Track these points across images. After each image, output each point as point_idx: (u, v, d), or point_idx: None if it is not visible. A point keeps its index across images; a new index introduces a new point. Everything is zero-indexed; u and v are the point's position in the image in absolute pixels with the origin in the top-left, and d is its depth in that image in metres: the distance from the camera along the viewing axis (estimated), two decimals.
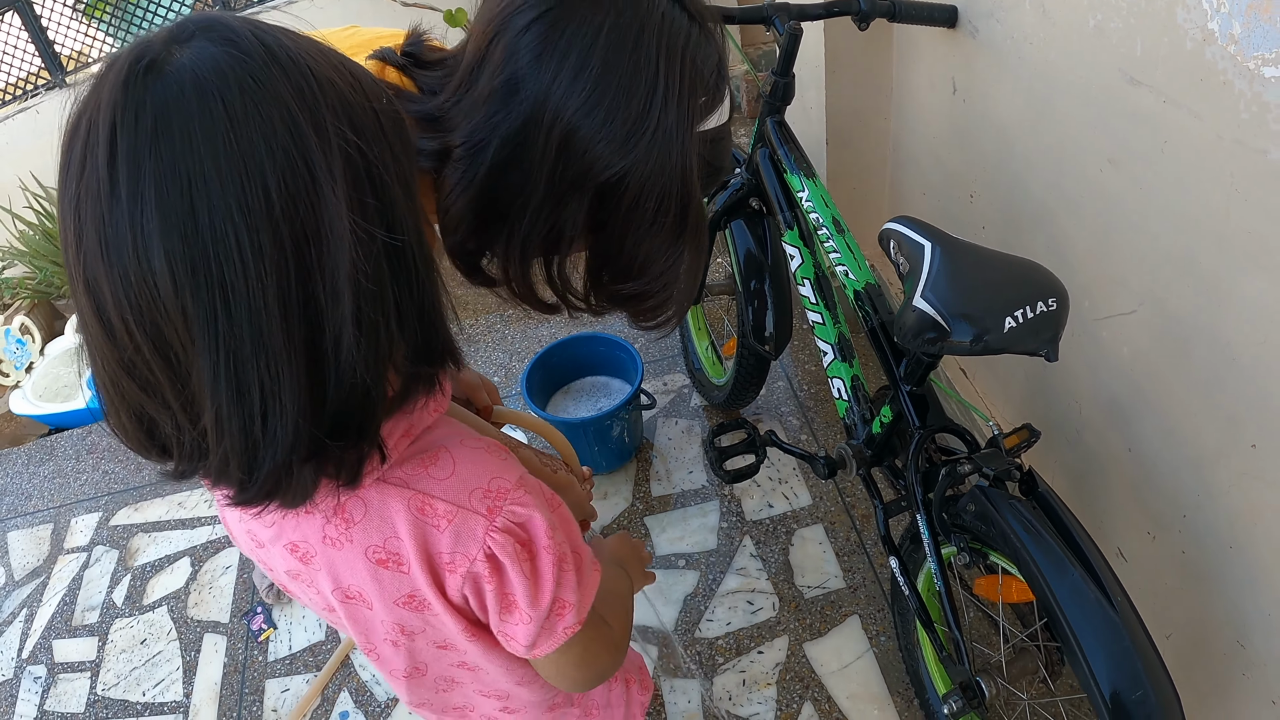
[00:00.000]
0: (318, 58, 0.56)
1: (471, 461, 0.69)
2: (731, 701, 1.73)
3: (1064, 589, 1.07)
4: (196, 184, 0.50)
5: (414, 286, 0.60)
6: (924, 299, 1.10)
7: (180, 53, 0.52)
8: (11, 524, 2.76)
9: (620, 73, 0.78)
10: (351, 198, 0.54)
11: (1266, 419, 1.04)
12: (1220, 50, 0.94)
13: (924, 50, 1.72)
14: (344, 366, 0.55)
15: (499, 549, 0.68)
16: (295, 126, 0.52)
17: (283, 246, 0.52)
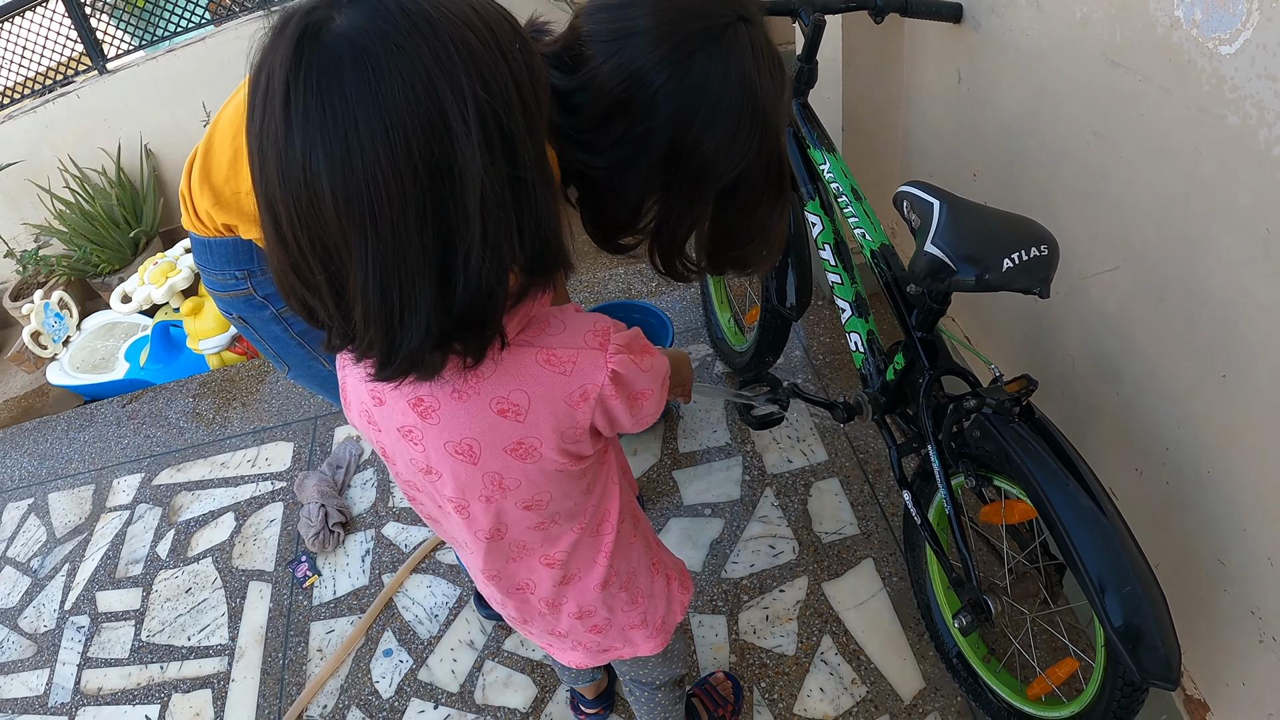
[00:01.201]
0: (455, 19, 0.68)
1: (575, 318, 0.90)
2: (756, 634, 1.94)
3: (1060, 498, 1.28)
4: (351, 132, 0.65)
5: (534, 209, 0.75)
6: (934, 244, 1.32)
7: (339, 19, 0.66)
8: (52, 486, 2.93)
9: (740, 99, 1.02)
10: (481, 141, 0.68)
11: (1233, 351, 1.24)
12: (1185, 34, 1.16)
13: (932, 43, 1.95)
14: (471, 276, 0.71)
15: (619, 365, 0.89)
16: (432, 85, 0.66)
17: (421, 182, 0.67)
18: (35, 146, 3.44)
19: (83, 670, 2.35)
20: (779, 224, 1.21)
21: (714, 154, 1.04)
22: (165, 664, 2.29)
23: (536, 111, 0.75)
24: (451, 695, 2.02)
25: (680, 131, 1.02)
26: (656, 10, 1.01)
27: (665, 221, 1.14)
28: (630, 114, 1.01)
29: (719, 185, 1.09)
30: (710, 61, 1.00)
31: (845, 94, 2.19)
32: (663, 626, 1.30)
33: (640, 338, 0.96)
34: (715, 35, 1.00)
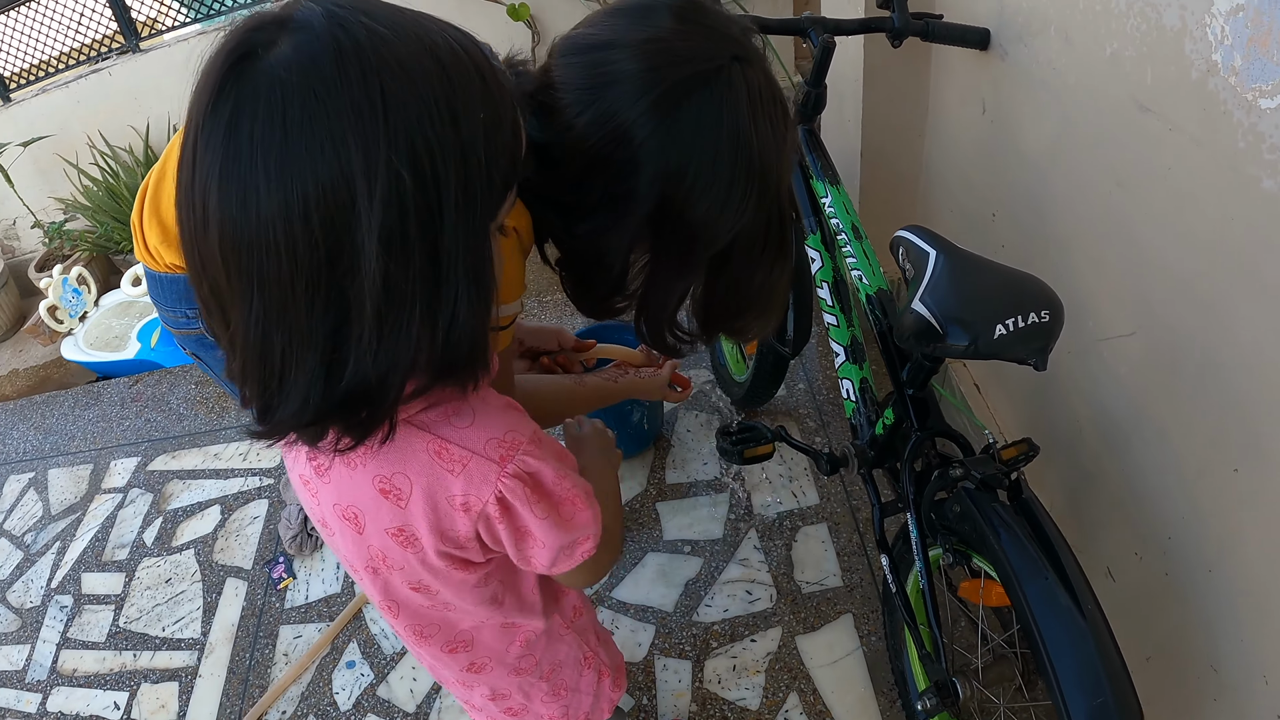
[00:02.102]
0: (400, 67, 0.57)
1: (490, 414, 0.74)
2: (721, 684, 1.76)
3: (1036, 592, 1.10)
4: (249, 181, 0.55)
5: (452, 308, 0.62)
6: (922, 302, 1.14)
7: (277, 46, 0.56)
8: (53, 462, 2.88)
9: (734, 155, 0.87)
10: (386, 228, 0.56)
11: (1248, 443, 1.06)
12: (1222, 81, 0.97)
13: (958, 70, 1.75)
14: (361, 362, 0.60)
15: (509, 493, 0.73)
16: (342, 149, 0.55)
17: (316, 253, 0.56)
18: (66, 121, 3.38)
19: (61, 650, 2.27)
20: (781, 286, 1.03)
21: (706, 215, 0.89)
22: (139, 652, 2.21)
23: (487, 193, 0.62)
24: (407, 715, 1.90)
25: (668, 192, 0.87)
26: (640, 54, 0.86)
27: (652, 291, 0.97)
28: (611, 173, 0.87)
29: (713, 249, 0.93)
30: (701, 112, 0.85)
31: (865, 117, 2.00)
32: None
33: (561, 470, 0.77)
34: (706, 80, 0.85)
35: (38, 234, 3.71)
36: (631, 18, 0.88)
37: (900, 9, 1.50)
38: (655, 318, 1.00)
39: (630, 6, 0.90)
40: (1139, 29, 1.10)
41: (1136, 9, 1.10)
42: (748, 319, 1.04)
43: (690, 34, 0.86)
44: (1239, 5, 0.92)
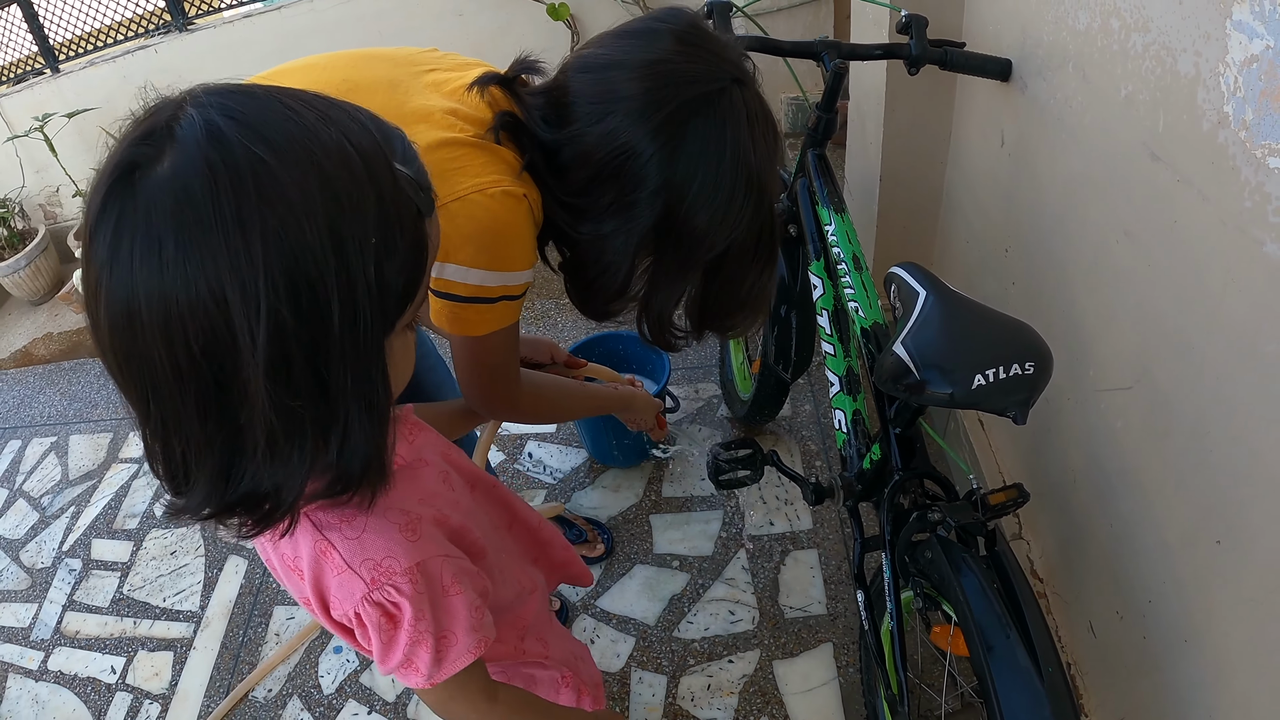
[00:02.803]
0: (281, 193, 0.53)
1: (378, 533, 0.72)
2: (693, 702, 1.71)
3: (996, 650, 1.03)
4: (133, 304, 0.53)
5: (345, 431, 0.61)
6: (903, 345, 1.07)
7: (150, 168, 0.53)
8: (76, 428, 2.89)
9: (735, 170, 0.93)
10: (270, 358, 0.54)
11: (1233, 517, 0.98)
12: (1232, 135, 0.89)
13: (980, 99, 1.67)
14: (256, 474, 0.60)
15: (365, 616, 0.73)
16: (215, 284, 0.52)
17: (200, 373, 0.55)
18: (112, 95, 3.37)
19: (66, 611, 2.29)
20: (768, 287, 1.12)
21: (707, 225, 0.96)
22: (139, 620, 2.21)
23: (374, 317, 0.59)
24: (387, 704, 1.87)
25: (672, 204, 0.94)
26: (645, 75, 0.91)
27: (655, 291, 1.04)
28: (619, 183, 0.94)
29: (711, 254, 1.00)
30: (705, 133, 0.92)
31: (885, 142, 1.92)
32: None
33: (420, 613, 0.74)
34: (710, 102, 0.92)
35: (79, 203, 3.72)
36: (638, 39, 0.95)
37: (918, 36, 1.42)
38: (657, 317, 1.06)
39: (636, 29, 0.96)
40: (1154, 72, 1.02)
41: (1152, 52, 1.02)
42: (737, 317, 1.12)
43: (693, 56, 0.92)
44: (1253, 56, 0.83)
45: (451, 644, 0.78)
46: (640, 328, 1.09)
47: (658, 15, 0.97)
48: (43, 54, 3.64)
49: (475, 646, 0.80)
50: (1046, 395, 1.47)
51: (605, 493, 2.17)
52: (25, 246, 3.79)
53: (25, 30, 3.57)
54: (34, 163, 3.74)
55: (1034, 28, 1.35)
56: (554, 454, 2.31)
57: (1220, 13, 0.86)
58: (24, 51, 3.75)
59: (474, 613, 0.79)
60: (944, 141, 1.91)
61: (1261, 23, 0.81)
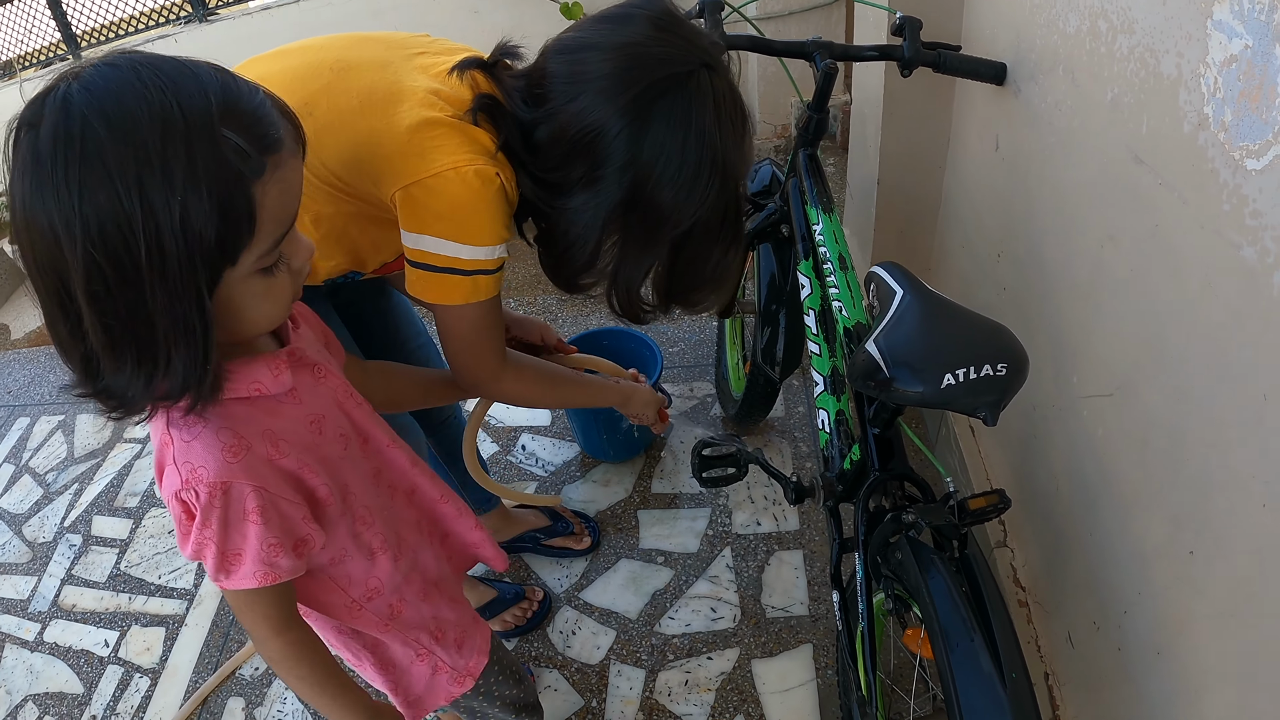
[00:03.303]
0: (101, 153, 0.63)
1: (203, 444, 0.79)
2: (670, 697, 1.68)
3: (959, 653, 1.00)
4: (17, 226, 0.67)
5: (164, 348, 0.69)
6: (875, 344, 1.05)
7: (31, 129, 0.64)
8: (83, 407, 2.90)
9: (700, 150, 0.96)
10: (87, 284, 0.65)
11: (1205, 527, 0.95)
12: (1211, 136, 0.86)
13: (977, 103, 1.64)
14: (104, 374, 0.70)
15: (171, 507, 0.82)
16: (50, 219, 0.64)
17: (54, 291, 0.67)
18: None
19: (64, 585, 2.29)
20: (733, 266, 1.14)
21: (672, 202, 0.99)
22: (134, 596, 2.21)
23: (183, 262, 0.67)
24: (370, 685, 1.83)
25: (638, 180, 0.97)
26: (616, 56, 0.95)
27: (622, 264, 1.07)
28: (588, 160, 0.97)
29: (677, 231, 1.03)
30: (671, 111, 0.94)
31: (883, 145, 1.89)
32: (417, 704, 1.13)
33: (206, 523, 0.81)
34: (678, 83, 0.94)
35: None
36: (613, 24, 0.98)
37: (911, 38, 1.39)
38: (625, 290, 1.09)
39: (613, 14, 0.99)
40: (1138, 75, 0.99)
41: (1137, 54, 0.99)
42: (702, 293, 1.15)
43: (665, 41, 0.95)
44: (1233, 56, 0.81)
45: (238, 564, 0.84)
46: (610, 301, 1.12)
47: (634, 1, 0.99)
48: (65, 41, 3.67)
49: (260, 576, 0.85)
50: (1033, 402, 1.45)
51: (595, 487, 2.15)
52: None
53: (49, 17, 3.59)
54: None
55: (1028, 31, 1.32)
56: (546, 447, 2.29)
57: (1201, 12, 0.84)
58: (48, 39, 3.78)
59: (266, 548, 0.84)
60: (942, 146, 1.88)
61: (1241, 22, 0.78)
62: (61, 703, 2.00)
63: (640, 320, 1.16)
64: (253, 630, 0.92)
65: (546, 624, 1.86)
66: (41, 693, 2.03)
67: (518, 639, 1.84)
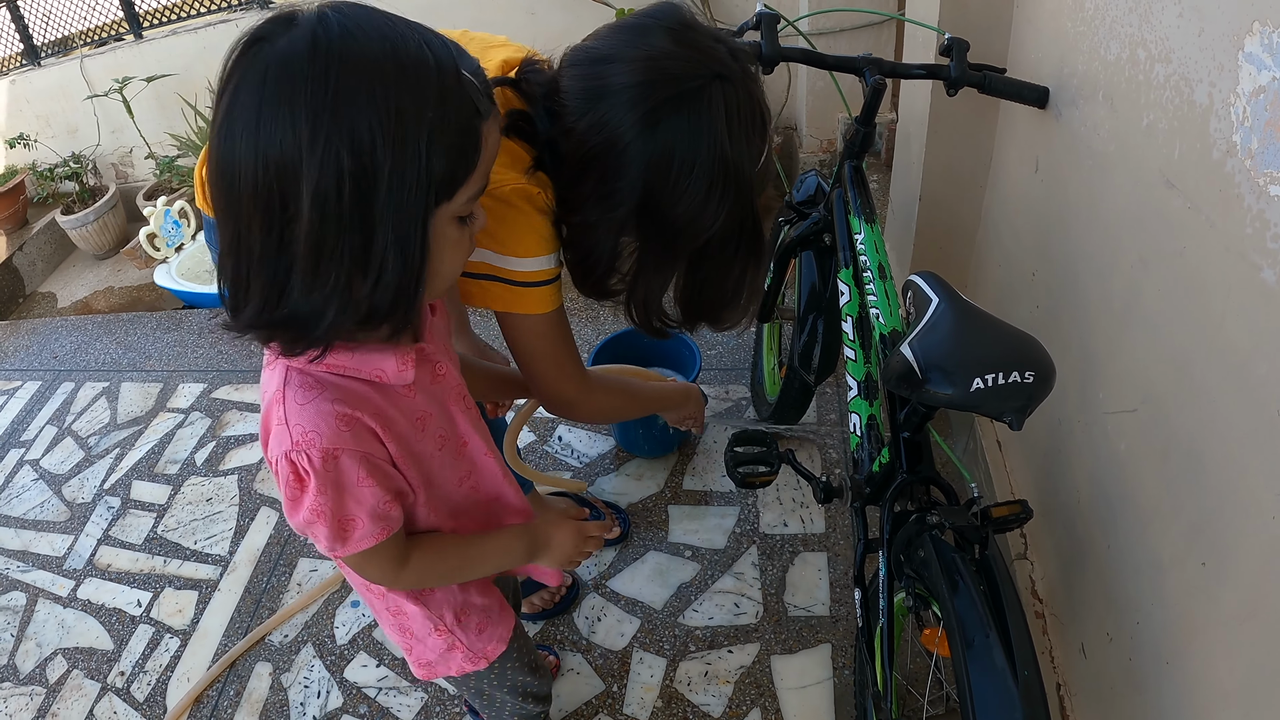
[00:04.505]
0: (362, 68, 0.68)
1: (317, 411, 0.84)
2: (690, 687, 1.75)
3: (975, 649, 1.06)
4: (234, 135, 0.70)
5: (375, 264, 0.73)
6: (909, 347, 1.12)
7: (271, 42, 0.69)
8: (128, 375, 3.02)
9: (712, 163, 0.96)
10: (321, 189, 0.68)
11: (1216, 537, 1.01)
12: (1239, 163, 0.93)
13: (1019, 125, 1.71)
14: (298, 295, 0.73)
15: (280, 469, 0.85)
16: (297, 124, 0.67)
17: (267, 201, 0.70)
18: (191, 64, 3.52)
19: (100, 545, 2.40)
20: (755, 283, 1.15)
21: (685, 215, 0.99)
22: (169, 559, 2.32)
23: (418, 180, 0.72)
24: (395, 659, 1.95)
25: (651, 193, 0.98)
26: (633, 69, 0.95)
27: (639, 279, 1.08)
28: (602, 173, 0.98)
29: (693, 245, 1.04)
30: (681, 124, 0.95)
31: (926, 162, 1.96)
32: (428, 667, 1.18)
33: (322, 488, 0.85)
34: (689, 97, 0.95)
35: (150, 165, 3.89)
36: (628, 34, 0.98)
37: (958, 59, 1.46)
38: (642, 304, 1.11)
39: (630, 24, 1.00)
40: (1172, 102, 1.06)
41: (1172, 82, 1.06)
42: (725, 311, 1.16)
43: (680, 53, 0.95)
44: (1261, 87, 0.87)
45: (355, 527, 0.89)
46: (628, 312, 1.14)
47: (649, 11, 1.01)
48: (128, 20, 3.80)
49: (379, 533, 0.90)
50: (1058, 417, 1.52)
51: (628, 480, 2.23)
52: (95, 202, 3.95)
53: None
54: (110, 123, 3.90)
55: (1071, 57, 1.39)
56: (583, 439, 2.38)
57: (1233, 44, 0.91)
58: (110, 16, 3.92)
59: (382, 505, 0.89)
60: (984, 166, 1.95)
61: (1269, 55, 0.85)
62: (91, 658, 2.10)
63: (661, 335, 1.19)
64: (379, 578, 0.98)
65: (573, 609, 1.94)
66: (71, 647, 2.14)
67: (544, 621, 1.92)
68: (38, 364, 3.22)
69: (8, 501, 2.63)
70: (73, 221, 3.91)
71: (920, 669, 1.59)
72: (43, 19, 4.16)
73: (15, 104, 4.29)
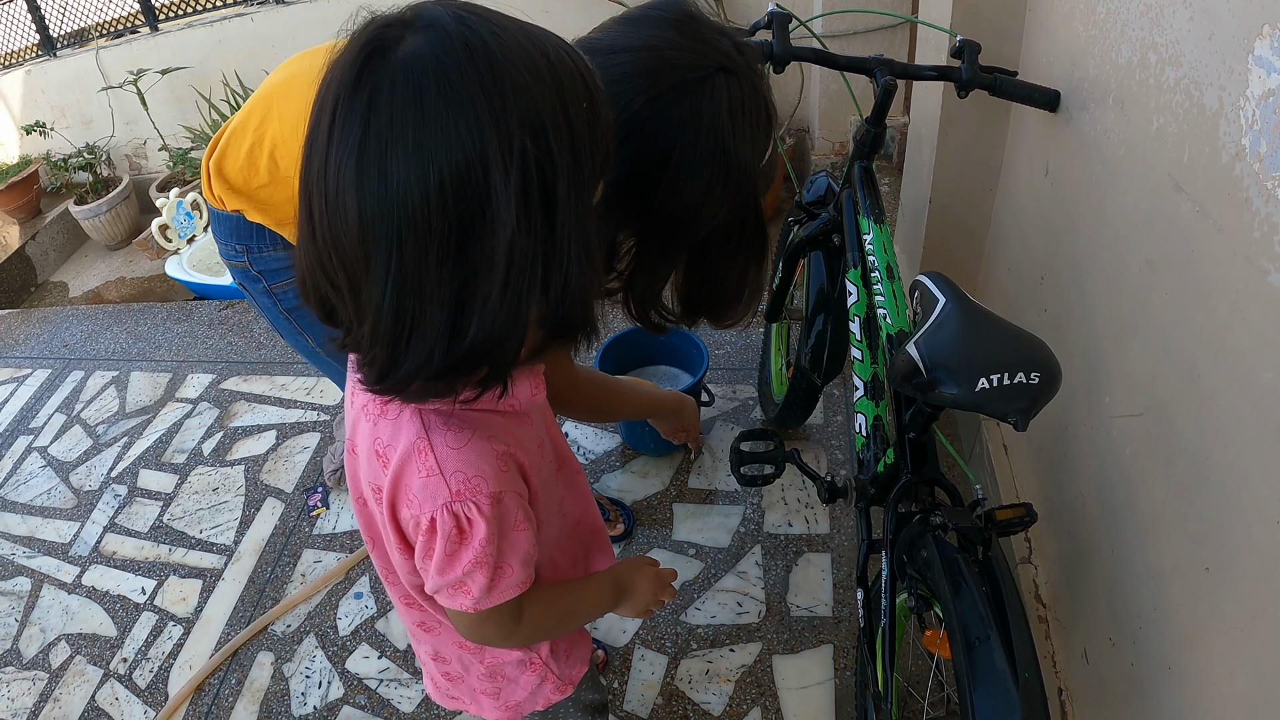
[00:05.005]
0: (519, 65, 0.62)
1: (477, 452, 0.78)
2: (690, 685, 1.76)
3: (976, 650, 1.07)
4: (388, 158, 0.60)
5: (565, 270, 0.67)
6: (915, 346, 1.12)
7: (406, 41, 0.61)
8: (137, 365, 3.04)
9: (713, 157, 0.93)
10: (519, 194, 0.61)
11: (1220, 542, 1.01)
12: (1247, 167, 0.93)
13: (1030, 129, 1.71)
14: (486, 319, 0.65)
15: (440, 523, 0.77)
16: (478, 128, 0.60)
17: (449, 220, 0.61)
18: (206, 57, 3.54)
19: (107, 532, 2.43)
20: (757, 282, 1.11)
21: (685, 209, 0.96)
22: (174, 548, 2.34)
23: (591, 174, 0.68)
24: (397, 651, 1.96)
25: (648, 185, 0.94)
26: (636, 60, 0.93)
27: (638, 271, 1.05)
28: None
29: (692, 240, 1.01)
30: (681, 117, 0.92)
31: (937, 165, 1.96)
32: (515, 708, 1.16)
33: (490, 538, 0.79)
34: (690, 89, 0.92)
35: (164, 157, 3.91)
36: (636, 26, 0.96)
37: (970, 61, 1.47)
38: (640, 297, 1.07)
39: (636, 16, 0.97)
40: (1182, 105, 1.06)
41: (1183, 86, 1.06)
42: (724, 307, 1.11)
43: (684, 45, 0.92)
44: (1270, 90, 0.88)
45: (506, 575, 0.84)
46: (626, 305, 1.11)
47: (655, 3, 0.99)
48: (144, 12, 3.83)
49: (524, 582, 0.86)
50: (1064, 422, 1.52)
51: (633, 477, 2.23)
52: (108, 193, 3.98)
53: None
54: (125, 115, 3.93)
55: (1082, 61, 1.40)
56: (589, 435, 2.39)
57: (1243, 48, 0.91)
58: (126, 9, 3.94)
59: (531, 548, 0.85)
60: (995, 170, 1.95)
61: (1279, 58, 0.86)
62: (94, 644, 2.12)
63: (659, 329, 1.16)
64: (496, 635, 0.93)
65: None
66: (75, 633, 2.16)
67: None
68: (48, 352, 3.25)
69: (15, 487, 2.65)
70: (86, 212, 3.94)
71: (922, 671, 1.60)
72: (59, 11, 4.19)
73: (31, 94, 4.33)
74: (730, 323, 1.18)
